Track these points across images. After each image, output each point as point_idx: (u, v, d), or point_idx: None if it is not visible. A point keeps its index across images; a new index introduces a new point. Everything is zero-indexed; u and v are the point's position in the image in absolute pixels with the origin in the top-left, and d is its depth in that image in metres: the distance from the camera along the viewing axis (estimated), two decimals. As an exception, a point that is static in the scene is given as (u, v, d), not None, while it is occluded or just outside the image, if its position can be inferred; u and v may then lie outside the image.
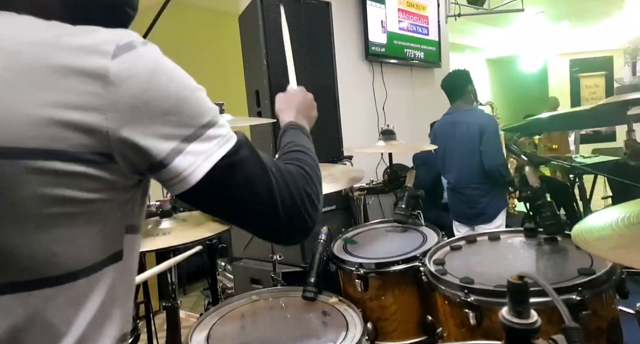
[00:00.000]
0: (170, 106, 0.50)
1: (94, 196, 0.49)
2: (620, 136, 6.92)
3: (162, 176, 0.52)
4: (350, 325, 1.17)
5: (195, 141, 0.52)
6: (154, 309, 2.25)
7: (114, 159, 0.49)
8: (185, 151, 0.51)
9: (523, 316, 0.61)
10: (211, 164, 0.53)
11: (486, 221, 2.47)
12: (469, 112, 2.55)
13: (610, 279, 1.01)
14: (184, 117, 0.52)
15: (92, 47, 0.47)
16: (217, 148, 0.54)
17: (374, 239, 1.67)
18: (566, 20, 7.27)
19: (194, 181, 0.52)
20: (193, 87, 0.54)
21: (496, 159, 2.39)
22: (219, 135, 0.55)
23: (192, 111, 0.52)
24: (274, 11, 2.19)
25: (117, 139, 0.48)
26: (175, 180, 0.52)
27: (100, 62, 0.46)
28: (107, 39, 0.48)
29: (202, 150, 0.52)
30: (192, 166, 0.52)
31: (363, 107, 3.60)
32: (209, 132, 0.53)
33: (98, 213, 0.51)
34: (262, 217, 0.58)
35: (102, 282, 0.52)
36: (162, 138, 0.50)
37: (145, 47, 0.50)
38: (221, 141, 0.55)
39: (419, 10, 4.04)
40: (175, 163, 0.51)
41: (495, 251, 1.35)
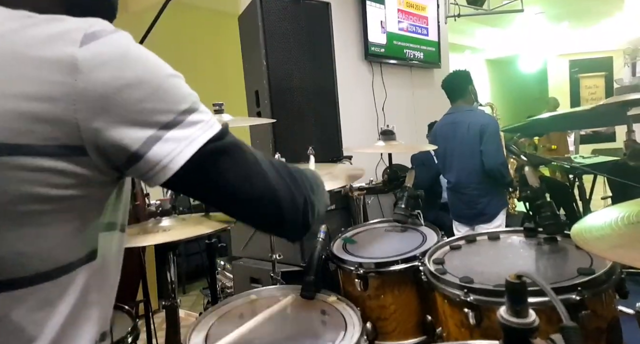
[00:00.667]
0: (145, 93, 0.47)
1: (64, 193, 0.46)
2: (620, 137, 6.92)
3: (141, 168, 0.49)
4: (349, 324, 1.17)
5: (176, 128, 0.49)
6: (154, 308, 2.25)
7: (85, 152, 0.46)
8: (165, 138, 0.48)
9: (521, 316, 0.61)
10: (195, 148, 0.50)
11: (486, 220, 2.47)
12: (469, 112, 2.55)
13: (610, 279, 1.01)
14: (161, 103, 0.48)
15: (59, 35, 0.45)
16: (201, 133, 0.51)
17: (374, 238, 1.67)
18: (566, 21, 7.28)
19: (175, 167, 0.49)
20: (168, 73, 0.51)
21: (496, 159, 2.39)
22: (201, 120, 0.52)
23: (169, 97, 0.49)
24: (273, 12, 2.19)
25: (88, 130, 0.45)
26: (155, 169, 0.49)
27: (67, 50, 0.44)
28: (74, 27, 0.46)
29: (183, 136, 0.50)
30: (172, 152, 0.49)
31: (362, 107, 3.60)
32: (190, 118, 0.51)
33: (70, 211, 0.48)
34: (259, 205, 0.56)
35: (75, 283, 0.50)
36: (137, 127, 0.47)
37: (115, 34, 0.48)
38: (204, 126, 0.52)
39: (419, 11, 4.05)
40: (153, 151, 0.48)
41: (494, 250, 1.35)
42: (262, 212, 0.56)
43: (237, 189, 0.54)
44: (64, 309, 0.49)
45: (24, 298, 0.46)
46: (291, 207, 0.57)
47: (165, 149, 0.48)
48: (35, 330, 0.47)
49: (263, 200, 0.55)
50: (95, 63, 0.44)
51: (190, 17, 4.37)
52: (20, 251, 0.45)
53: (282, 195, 0.56)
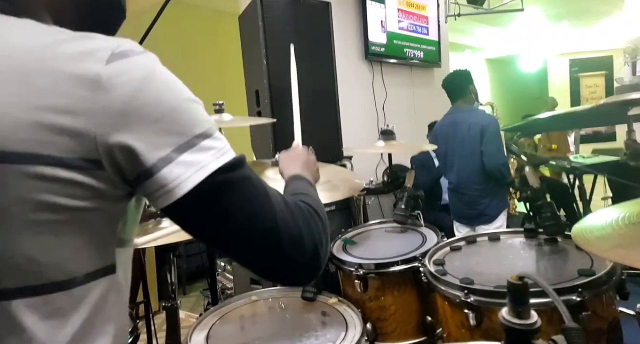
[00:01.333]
0: (162, 113, 0.48)
1: (80, 204, 0.47)
2: (620, 136, 6.92)
3: (149, 187, 0.49)
4: (349, 325, 1.17)
5: (189, 151, 0.49)
6: (154, 309, 2.25)
7: (101, 166, 0.47)
8: (177, 160, 0.48)
9: (523, 317, 0.61)
10: (204, 175, 0.49)
11: (487, 221, 2.47)
12: (470, 112, 2.55)
13: (611, 280, 1.00)
14: (176, 125, 0.49)
15: (88, 52, 0.47)
16: (213, 159, 0.50)
17: (374, 239, 1.67)
18: (566, 20, 7.27)
19: (181, 192, 0.48)
20: (187, 97, 0.52)
21: (497, 159, 2.39)
22: (214, 147, 0.51)
23: (185, 120, 0.50)
24: (274, 11, 2.19)
25: (104, 144, 0.46)
26: (161, 191, 0.49)
27: (93, 67, 0.46)
28: (103, 45, 0.48)
29: (195, 160, 0.49)
30: (181, 176, 0.48)
31: (363, 107, 3.60)
32: (204, 143, 0.50)
33: (85, 222, 0.48)
34: (262, 248, 0.53)
35: (90, 296, 0.50)
36: (152, 145, 0.47)
37: (141, 55, 0.50)
38: (217, 153, 0.51)
39: (419, 10, 4.04)
40: (164, 172, 0.48)
41: (495, 251, 1.35)
42: (261, 255, 0.54)
43: (239, 226, 0.52)
44: (77, 320, 0.49)
45: (36, 306, 0.47)
46: (298, 253, 0.54)
47: (175, 172, 0.48)
48: (45, 339, 0.47)
49: (264, 242, 0.53)
50: (117, 81, 0.46)
51: (190, 17, 4.36)
52: (35, 258, 0.46)
53: (288, 239, 0.54)
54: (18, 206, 0.44)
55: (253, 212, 0.52)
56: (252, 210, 0.52)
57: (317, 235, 0.58)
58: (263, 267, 0.55)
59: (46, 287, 0.47)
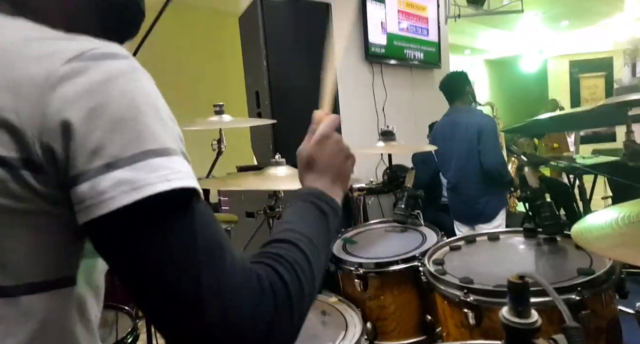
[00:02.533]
0: (109, 121, 0.42)
1: (26, 207, 0.43)
2: (620, 137, 6.92)
3: (74, 197, 0.42)
4: (349, 325, 1.17)
5: (128, 167, 0.41)
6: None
7: (42, 168, 0.42)
8: (111, 174, 0.41)
9: (523, 316, 0.61)
10: (136, 198, 0.40)
11: (485, 220, 2.48)
12: (467, 112, 2.57)
13: (610, 279, 1.01)
14: (123, 137, 0.42)
15: (53, 53, 0.43)
16: (155, 181, 0.41)
17: (374, 239, 1.67)
18: (566, 21, 7.28)
19: (101, 211, 0.40)
20: (152, 111, 0.44)
21: (494, 159, 2.40)
22: (169, 168, 0.42)
23: (139, 132, 0.42)
24: (274, 12, 2.19)
25: (43, 146, 0.42)
26: (84, 204, 0.41)
27: (49, 67, 0.42)
28: (75, 47, 0.44)
29: (131, 178, 0.41)
30: (108, 193, 0.40)
31: (363, 108, 3.60)
32: (153, 161, 0.42)
33: (34, 227, 0.44)
34: (172, 320, 0.43)
35: (41, 307, 0.45)
36: (86, 152, 0.41)
37: (116, 60, 0.44)
38: (167, 175, 0.42)
39: (419, 11, 4.05)
40: (90, 184, 0.41)
41: (494, 251, 1.35)
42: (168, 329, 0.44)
43: (150, 278, 0.42)
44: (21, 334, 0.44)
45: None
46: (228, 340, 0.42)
47: (102, 186, 0.41)
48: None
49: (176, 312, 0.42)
50: (68, 81, 0.42)
51: (190, 18, 4.37)
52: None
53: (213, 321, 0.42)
54: None
55: (174, 268, 0.42)
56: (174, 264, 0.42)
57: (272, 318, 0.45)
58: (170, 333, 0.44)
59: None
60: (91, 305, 0.52)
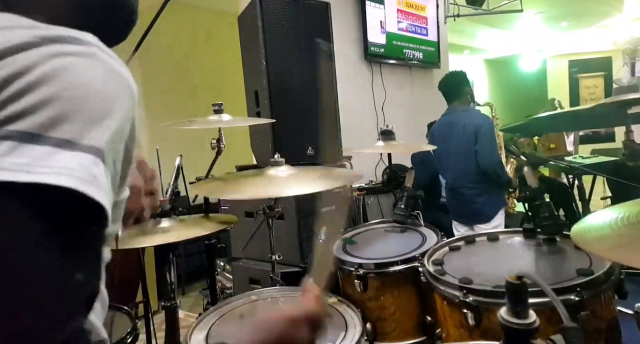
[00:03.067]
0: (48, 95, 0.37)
1: None
2: (619, 137, 6.93)
3: None
4: (349, 325, 1.17)
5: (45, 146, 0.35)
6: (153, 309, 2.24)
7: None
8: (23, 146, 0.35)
9: (522, 317, 0.61)
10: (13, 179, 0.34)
11: (484, 220, 2.48)
12: (465, 113, 2.57)
13: (609, 279, 1.01)
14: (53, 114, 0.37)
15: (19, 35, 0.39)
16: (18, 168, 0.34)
17: (373, 239, 1.67)
18: (565, 21, 7.29)
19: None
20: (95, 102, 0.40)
21: (491, 159, 2.41)
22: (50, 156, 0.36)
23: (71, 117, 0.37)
24: (273, 12, 2.19)
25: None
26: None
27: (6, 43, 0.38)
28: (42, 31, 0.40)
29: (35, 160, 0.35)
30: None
31: (362, 107, 3.60)
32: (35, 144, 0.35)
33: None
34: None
35: None
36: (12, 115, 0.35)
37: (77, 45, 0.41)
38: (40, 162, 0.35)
39: (418, 11, 4.05)
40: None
41: (494, 251, 1.35)
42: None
43: None
44: None
45: None
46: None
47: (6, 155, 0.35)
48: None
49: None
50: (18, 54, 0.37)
51: (189, 17, 4.37)
52: None
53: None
54: None
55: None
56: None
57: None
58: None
59: None
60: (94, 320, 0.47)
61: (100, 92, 0.41)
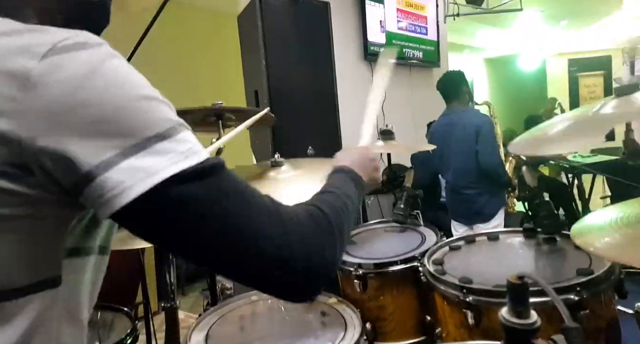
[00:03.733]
0: (105, 113, 0.42)
1: (11, 212, 0.42)
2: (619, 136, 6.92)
3: (89, 195, 0.43)
4: (349, 325, 1.17)
5: (137, 154, 0.42)
6: (153, 309, 2.24)
7: (31, 172, 0.42)
8: (120, 165, 0.42)
9: (523, 316, 0.61)
10: (153, 183, 0.42)
11: (484, 220, 2.48)
12: (464, 112, 2.58)
13: (609, 279, 1.01)
14: (123, 126, 0.42)
15: (25, 47, 0.42)
16: (168, 165, 0.43)
17: (373, 239, 1.67)
18: (564, 20, 7.28)
19: (121, 202, 0.42)
20: (142, 94, 0.45)
21: (492, 159, 2.41)
22: (174, 150, 0.44)
23: (134, 120, 0.43)
24: (272, 11, 2.19)
25: (32, 148, 0.41)
26: (100, 200, 0.42)
27: (26, 64, 0.41)
28: (46, 39, 0.42)
29: (143, 166, 0.42)
30: (125, 182, 0.42)
31: (362, 107, 3.59)
32: (159, 145, 0.43)
33: (16, 233, 0.43)
34: (240, 269, 0.48)
35: (24, 311, 0.44)
36: (90, 149, 0.41)
37: (89, 50, 0.44)
38: (175, 157, 0.44)
39: (418, 10, 4.05)
40: (103, 179, 0.41)
41: (494, 251, 1.35)
42: (241, 275, 0.49)
43: (205, 244, 0.46)
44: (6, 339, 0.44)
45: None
46: (286, 276, 0.48)
47: (118, 177, 0.42)
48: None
49: (241, 263, 0.47)
50: (50, 79, 0.41)
51: (189, 17, 4.36)
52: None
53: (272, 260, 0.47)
54: None
55: (224, 230, 0.46)
56: (223, 227, 0.46)
57: (316, 253, 0.50)
58: (248, 283, 0.50)
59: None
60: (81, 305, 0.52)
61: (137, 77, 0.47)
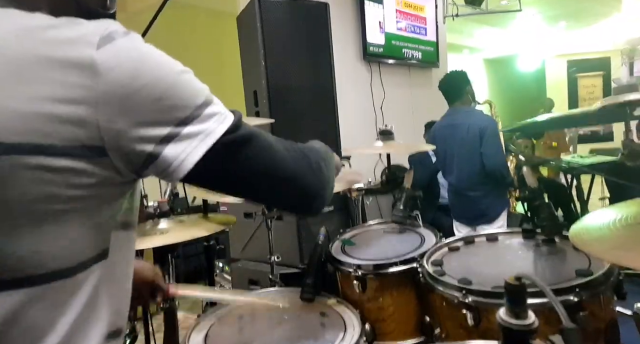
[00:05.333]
0: (162, 91, 0.49)
1: (83, 193, 0.47)
2: (618, 136, 6.94)
3: (159, 166, 0.50)
4: (348, 326, 1.17)
5: (193, 123, 0.50)
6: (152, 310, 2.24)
7: (105, 153, 0.47)
8: (182, 134, 0.50)
9: (521, 317, 0.61)
10: (211, 142, 0.51)
11: (488, 222, 2.47)
12: (467, 113, 2.55)
13: (608, 280, 1.01)
14: (177, 100, 0.50)
15: (78, 38, 0.46)
16: (217, 125, 0.52)
17: (372, 240, 1.67)
18: (563, 21, 7.30)
19: (190, 163, 0.50)
20: (180, 69, 0.53)
21: (497, 160, 2.39)
22: (216, 112, 0.53)
23: (184, 93, 0.51)
24: (272, 11, 2.19)
25: (109, 131, 0.46)
26: (172, 166, 0.50)
27: (86, 52, 0.45)
28: (91, 30, 0.47)
29: (199, 130, 0.51)
30: (188, 147, 0.50)
31: (361, 107, 3.60)
32: (206, 111, 0.52)
33: (86, 210, 0.49)
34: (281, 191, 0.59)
35: (87, 281, 0.50)
36: (156, 126, 0.48)
37: (126, 37, 0.49)
38: (219, 118, 0.53)
39: (417, 11, 4.05)
40: (169, 149, 0.49)
41: (493, 252, 1.35)
42: (285, 198, 0.60)
43: (258, 179, 0.56)
44: (77, 307, 0.49)
45: (40, 296, 0.47)
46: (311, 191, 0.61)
47: (181, 146, 0.50)
48: (47, 327, 0.47)
49: (285, 186, 0.59)
50: (112, 65, 0.46)
51: (188, 17, 4.36)
52: (39, 249, 0.46)
53: (302, 180, 0.60)
54: (19, 198, 0.44)
55: (265, 164, 0.56)
56: (264, 162, 0.56)
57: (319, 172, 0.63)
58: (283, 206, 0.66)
59: (49, 276, 0.47)
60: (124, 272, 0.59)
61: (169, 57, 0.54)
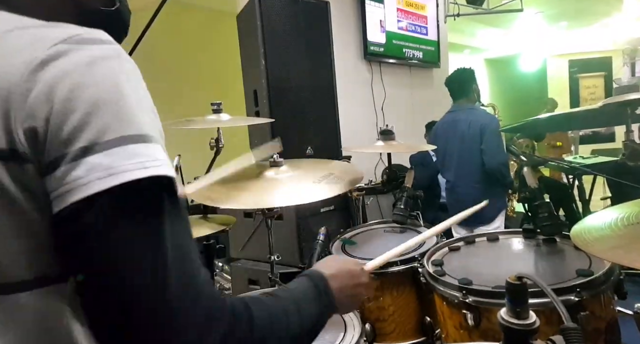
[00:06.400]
0: (91, 102, 0.41)
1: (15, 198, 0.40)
2: (619, 137, 6.93)
3: (51, 184, 0.40)
4: (348, 326, 1.17)
5: (106, 151, 0.40)
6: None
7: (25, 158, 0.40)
8: (87, 159, 0.40)
9: (522, 317, 0.60)
10: (111, 184, 0.39)
11: (484, 222, 2.46)
12: (471, 110, 2.54)
13: (609, 280, 1.00)
14: (103, 119, 0.41)
15: (38, 40, 0.42)
16: (135, 168, 0.41)
17: (373, 239, 1.67)
18: (565, 21, 7.29)
19: (73, 198, 0.39)
20: (134, 98, 0.44)
21: (497, 158, 2.37)
22: (146, 154, 0.42)
23: (118, 117, 0.42)
24: (272, 11, 2.19)
25: (22, 130, 0.40)
26: (59, 191, 0.40)
27: (34, 53, 0.41)
28: (60, 33, 0.43)
29: (108, 164, 0.40)
30: (82, 178, 0.39)
31: (362, 107, 3.60)
32: (131, 147, 0.41)
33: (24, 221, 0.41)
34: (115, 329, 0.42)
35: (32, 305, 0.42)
36: (65, 134, 0.40)
37: (101, 45, 0.44)
38: (145, 163, 0.41)
39: (418, 10, 4.04)
40: (65, 169, 0.40)
41: (493, 252, 1.35)
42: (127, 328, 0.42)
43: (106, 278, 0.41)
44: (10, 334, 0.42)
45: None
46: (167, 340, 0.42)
47: (78, 171, 0.40)
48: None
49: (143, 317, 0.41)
50: (50, 64, 0.41)
51: (188, 17, 4.36)
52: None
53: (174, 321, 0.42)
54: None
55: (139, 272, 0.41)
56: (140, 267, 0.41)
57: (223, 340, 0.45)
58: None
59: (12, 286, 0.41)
60: None
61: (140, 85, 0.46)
